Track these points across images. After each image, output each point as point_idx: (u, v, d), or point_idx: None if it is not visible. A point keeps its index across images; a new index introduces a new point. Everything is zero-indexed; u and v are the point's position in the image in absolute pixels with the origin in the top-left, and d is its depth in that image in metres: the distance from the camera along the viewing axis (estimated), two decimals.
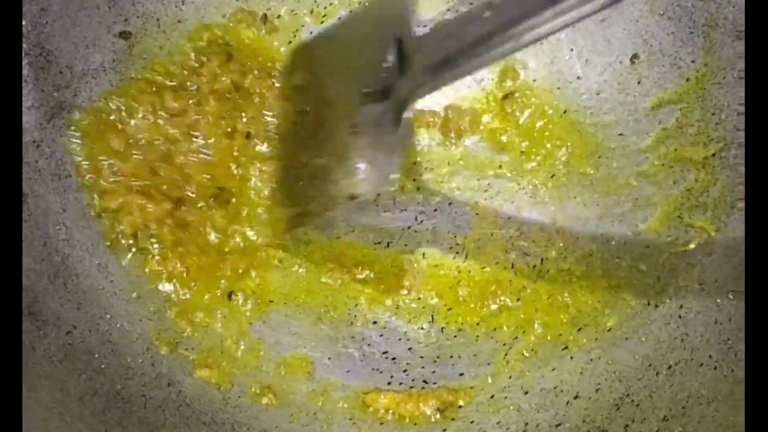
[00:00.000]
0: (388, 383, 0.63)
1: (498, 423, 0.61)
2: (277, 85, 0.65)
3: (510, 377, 0.62)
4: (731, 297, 0.59)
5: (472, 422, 0.61)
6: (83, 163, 0.61)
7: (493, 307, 0.64)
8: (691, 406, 0.56)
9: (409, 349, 0.64)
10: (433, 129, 0.67)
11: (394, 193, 0.66)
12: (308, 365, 0.63)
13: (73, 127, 0.61)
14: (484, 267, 0.65)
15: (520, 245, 0.65)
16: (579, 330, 0.63)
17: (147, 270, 0.62)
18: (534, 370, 0.62)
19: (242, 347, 0.63)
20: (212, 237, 0.63)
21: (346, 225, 0.65)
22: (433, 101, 0.67)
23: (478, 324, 0.64)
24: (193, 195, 0.63)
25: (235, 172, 0.64)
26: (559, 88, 0.67)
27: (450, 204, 0.66)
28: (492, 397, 0.62)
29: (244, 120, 0.64)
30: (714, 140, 0.62)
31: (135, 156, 0.62)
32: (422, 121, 0.67)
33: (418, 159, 0.67)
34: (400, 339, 0.64)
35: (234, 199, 0.64)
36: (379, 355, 0.64)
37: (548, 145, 0.66)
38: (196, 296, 0.62)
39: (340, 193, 0.60)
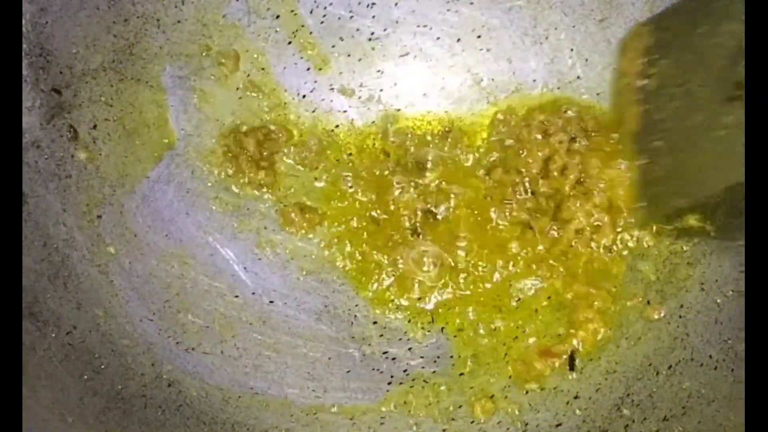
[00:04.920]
0: (389, 383, 0.63)
1: (498, 423, 0.61)
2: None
3: (510, 377, 0.62)
4: (731, 297, 0.59)
5: (472, 422, 0.61)
6: None
7: (494, 307, 0.64)
8: (691, 406, 0.56)
9: (409, 349, 0.64)
10: None
11: None
12: (308, 365, 0.63)
13: None
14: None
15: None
16: (579, 330, 0.63)
17: None
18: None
19: (241, 347, 0.63)
20: None
21: None
22: None
23: (478, 324, 0.64)
24: None
25: None
26: (559, 88, 0.67)
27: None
28: (492, 397, 0.62)
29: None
30: None
31: None
32: None
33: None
34: (400, 339, 0.64)
35: None
36: (379, 355, 0.64)
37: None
38: None
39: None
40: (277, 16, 0.67)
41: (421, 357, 0.63)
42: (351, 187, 0.66)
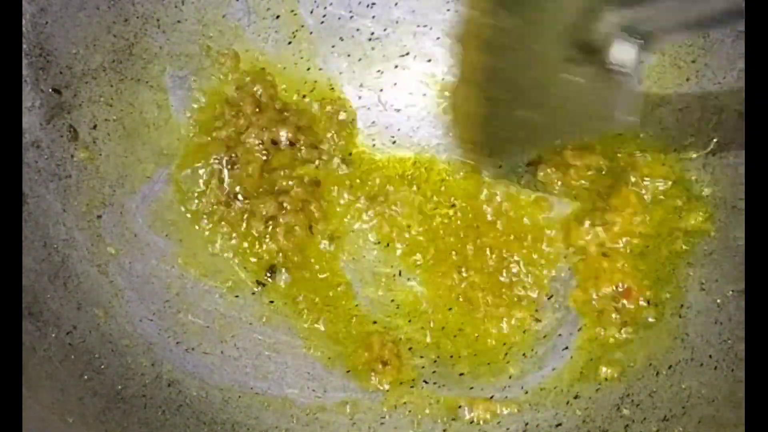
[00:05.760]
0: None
1: (498, 423, 0.61)
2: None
3: (510, 377, 0.62)
4: (731, 297, 0.59)
5: (471, 422, 0.61)
6: None
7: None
8: (691, 406, 0.56)
9: (409, 349, 0.64)
10: None
11: None
12: (308, 365, 0.63)
13: None
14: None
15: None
16: (579, 330, 0.63)
17: None
18: (534, 370, 0.62)
19: (241, 347, 0.63)
20: None
21: None
22: None
23: (478, 324, 0.64)
24: None
25: None
26: None
27: None
28: (492, 397, 0.62)
29: None
30: (714, 140, 0.62)
31: None
32: None
33: None
34: (400, 338, 0.64)
35: None
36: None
37: None
38: None
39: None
40: (277, 16, 0.67)
41: (421, 357, 0.63)
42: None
